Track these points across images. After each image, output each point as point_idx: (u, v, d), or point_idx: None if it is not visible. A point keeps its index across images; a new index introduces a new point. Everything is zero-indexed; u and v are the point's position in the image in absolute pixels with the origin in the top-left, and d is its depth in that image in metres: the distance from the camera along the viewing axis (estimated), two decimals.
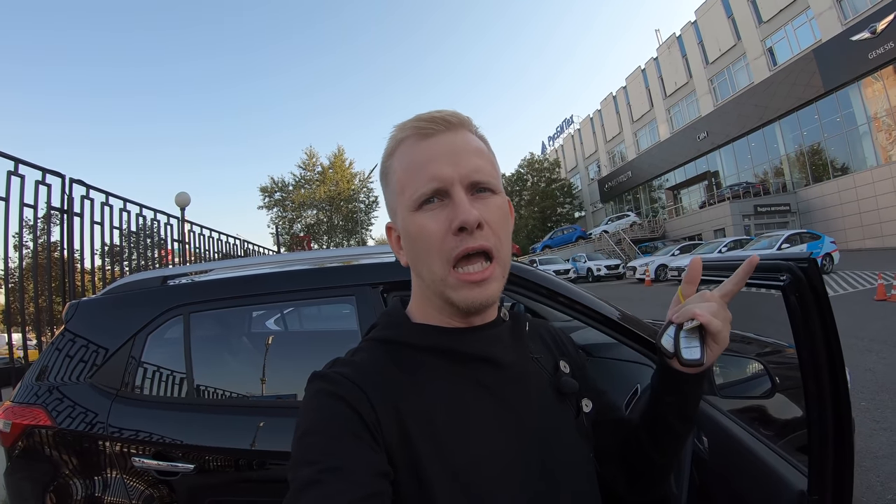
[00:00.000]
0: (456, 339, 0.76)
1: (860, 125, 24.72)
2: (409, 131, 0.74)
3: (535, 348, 0.87)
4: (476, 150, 0.74)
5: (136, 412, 1.91)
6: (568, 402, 0.84)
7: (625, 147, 44.91)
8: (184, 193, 9.17)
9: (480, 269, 0.70)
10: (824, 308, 0.95)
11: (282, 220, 37.67)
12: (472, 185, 0.71)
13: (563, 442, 0.79)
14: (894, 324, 8.04)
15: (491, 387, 0.75)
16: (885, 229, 23.22)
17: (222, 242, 10.08)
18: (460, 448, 0.68)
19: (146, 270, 5.98)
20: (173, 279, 2.26)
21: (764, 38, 29.33)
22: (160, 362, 2.02)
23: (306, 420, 0.66)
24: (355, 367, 0.73)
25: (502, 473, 0.70)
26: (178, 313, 2.05)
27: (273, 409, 1.97)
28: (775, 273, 1.04)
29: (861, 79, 23.86)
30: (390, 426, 0.67)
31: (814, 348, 0.97)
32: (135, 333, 2.02)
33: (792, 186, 29.29)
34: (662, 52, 38.38)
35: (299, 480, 0.59)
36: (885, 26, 21.89)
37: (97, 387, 1.95)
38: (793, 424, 1.71)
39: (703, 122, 34.33)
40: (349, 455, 0.61)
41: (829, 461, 0.98)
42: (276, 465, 1.81)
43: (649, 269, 22.44)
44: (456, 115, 0.75)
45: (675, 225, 35.41)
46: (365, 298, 2.00)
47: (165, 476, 1.83)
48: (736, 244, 20.53)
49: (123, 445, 1.86)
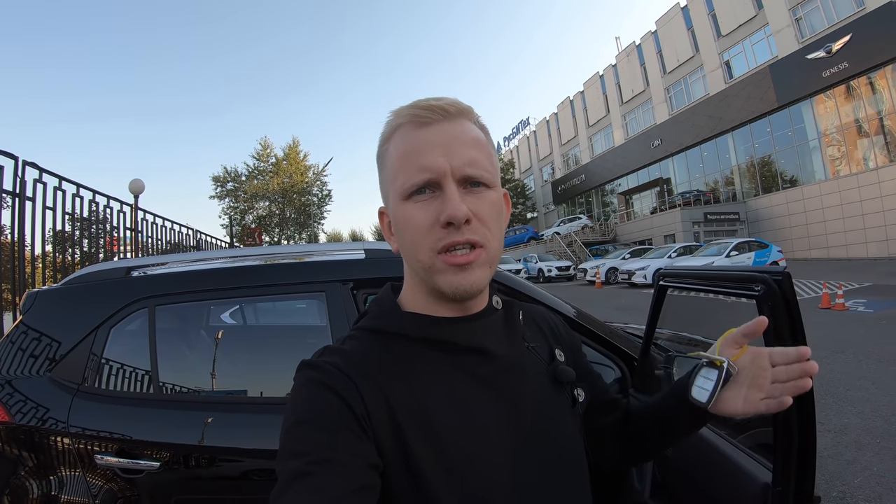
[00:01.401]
0: (448, 329, 0.74)
1: (811, 140, 25.60)
2: (405, 118, 0.72)
3: (531, 336, 0.85)
4: (473, 141, 0.72)
5: (99, 408, 1.84)
6: (564, 391, 0.83)
7: (579, 151, 45.33)
8: (138, 180, 8.92)
9: (465, 254, 0.68)
10: (794, 317, 1.03)
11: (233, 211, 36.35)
12: (465, 178, 0.69)
13: (560, 432, 0.78)
14: (837, 331, 8.23)
15: (485, 378, 0.73)
16: (831, 241, 24.16)
17: (174, 232, 9.91)
18: (455, 441, 0.67)
19: (100, 261, 6.12)
20: (137, 270, 2.17)
21: (722, 52, 30.05)
22: (124, 356, 1.96)
23: (295, 410, 0.64)
24: (345, 356, 0.71)
25: (498, 467, 0.68)
26: (142, 306, 1.99)
27: (240, 406, 1.94)
28: (750, 283, 1.12)
29: (814, 96, 24.69)
30: (381, 418, 0.65)
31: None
32: (97, 326, 1.94)
33: (742, 196, 30.15)
34: (621, 59, 38.87)
35: (288, 471, 0.58)
36: (840, 47, 22.70)
37: (57, 381, 1.87)
38: (744, 424, 1.73)
39: (658, 130, 34.98)
40: (339, 447, 0.60)
41: (793, 454, 1.05)
42: (245, 462, 1.80)
43: (600, 271, 22.68)
44: (455, 104, 0.72)
45: (626, 229, 35.91)
46: (335, 295, 1.99)
47: (129, 474, 1.75)
48: (685, 250, 20.88)
49: (85, 442, 1.78)
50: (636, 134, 37.64)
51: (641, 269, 20.01)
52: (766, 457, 1.25)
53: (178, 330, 2.24)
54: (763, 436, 1.11)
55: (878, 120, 22.54)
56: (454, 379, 0.72)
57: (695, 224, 28.65)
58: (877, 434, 4.12)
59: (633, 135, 37.94)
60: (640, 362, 1.96)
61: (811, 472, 1.05)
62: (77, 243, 6.12)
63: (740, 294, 1.18)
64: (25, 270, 4.76)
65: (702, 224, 28.61)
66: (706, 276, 1.60)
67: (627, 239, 34.44)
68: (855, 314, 10.02)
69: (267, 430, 1.76)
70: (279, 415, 0.66)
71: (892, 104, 21.90)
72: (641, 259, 21.81)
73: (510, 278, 2.11)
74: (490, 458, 0.68)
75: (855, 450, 3.83)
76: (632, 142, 37.76)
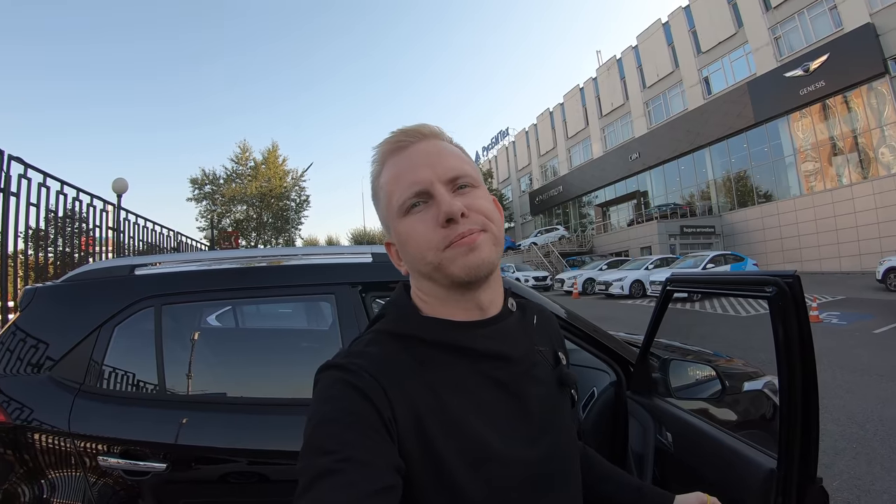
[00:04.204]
0: (468, 335, 0.75)
1: (787, 156, 25.84)
2: (387, 146, 0.77)
3: (539, 339, 0.87)
4: (451, 152, 0.76)
5: (102, 408, 1.76)
6: (566, 392, 0.86)
7: (558, 162, 45.34)
8: (121, 179, 8.64)
9: (472, 234, 0.70)
10: (802, 315, 1.09)
11: (211, 214, 35.39)
12: (451, 180, 0.73)
13: (564, 430, 0.81)
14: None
15: (503, 381, 0.75)
16: (805, 255, 24.31)
17: (156, 234, 9.63)
18: (477, 441, 0.69)
19: (76, 261, 6.01)
20: (142, 268, 2.09)
21: (701, 68, 30.25)
22: (128, 356, 1.90)
23: (322, 408, 0.65)
24: (371, 358, 0.71)
25: (516, 464, 0.71)
26: (148, 305, 1.93)
27: (248, 407, 1.86)
28: (762, 286, 1.17)
29: (790, 113, 24.94)
30: (407, 421, 0.66)
31: (791, 348, 1.10)
32: (101, 324, 1.87)
33: (717, 210, 30.31)
34: (602, 73, 38.95)
35: (316, 468, 0.58)
36: (818, 66, 22.95)
37: (57, 380, 1.79)
38: (742, 422, 1.86)
39: (636, 144, 35.10)
40: (367, 447, 0.60)
41: (797, 439, 1.10)
42: (254, 463, 1.75)
43: (577, 282, 22.83)
44: (427, 127, 0.78)
45: (603, 241, 35.95)
46: (344, 297, 1.97)
47: (134, 476, 1.67)
48: (662, 262, 20.86)
49: (88, 443, 1.70)
50: (614, 147, 37.70)
51: (619, 280, 20.15)
52: (765, 446, 1.31)
53: (186, 330, 2.11)
54: (759, 431, 1.13)
55: (853, 138, 22.84)
56: (474, 382, 0.73)
57: (671, 237, 28.71)
58: (853, 440, 4.32)
59: (612, 147, 37.99)
60: (640, 364, 1.96)
61: (814, 454, 1.10)
62: (53, 242, 5.81)
63: (752, 296, 1.23)
64: (7, 268, 4.57)
65: (678, 237, 28.67)
66: (717, 281, 1.65)
67: (604, 250, 34.48)
68: (829, 326, 10.22)
69: (276, 432, 1.74)
70: (287, 416, 0.68)
71: (866, 123, 22.21)
72: (618, 270, 21.91)
73: (505, 280, 1.97)
74: (508, 456, 0.70)
75: (832, 454, 3.99)
76: (610, 154, 37.83)
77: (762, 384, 2.09)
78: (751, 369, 2.41)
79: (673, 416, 1.72)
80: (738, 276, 1.44)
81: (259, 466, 1.75)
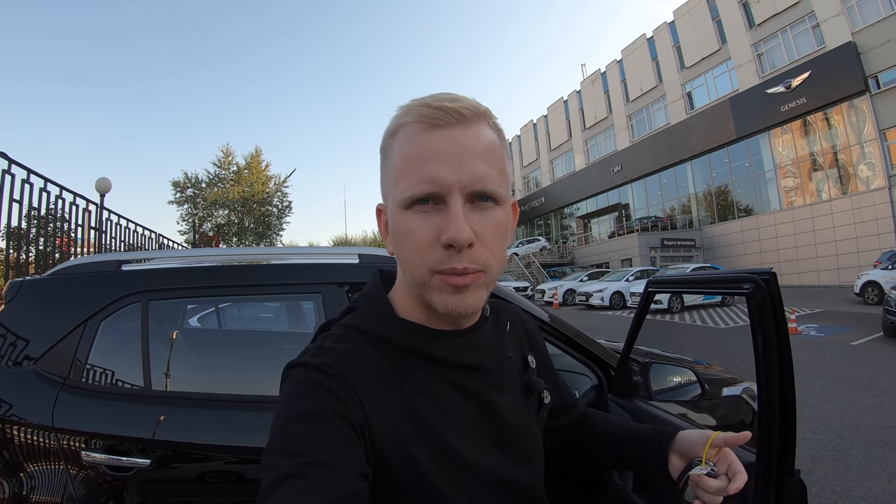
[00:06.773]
0: (442, 345, 0.71)
1: (767, 171, 25.97)
2: (415, 117, 0.65)
3: (510, 345, 0.85)
4: (486, 151, 0.65)
5: (86, 402, 1.71)
6: (532, 397, 0.84)
7: (540, 174, 45.31)
8: (104, 179, 8.36)
9: (464, 275, 0.64)
10: (778, 310, 1.10)
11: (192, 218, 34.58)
12: (473, 193, 0.64)
13: (529, 435, 0.80)
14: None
15: (472, 391, 0.73)
16: (784, 268, 24.27)
17: (138, 235, 9.46)
18: (447, 444, 0.67)
19: (56, 259, 5.85)
20: (129, 264, 2.03)
21: (684, 83, 30.39)
22: (114, 351, 1.85)
23: (290, 408, 0.62)
24: (343, 358, 0.67)
25: (483, 468, 0.70)
26: (135, 300, 1.88)
27: (235, 404, 1.80)
28: (740, 283, 1.19)
29: (772, 129, 25.11)
30: (380, 426, 0.64)
31: (768, 342, 1.11)
32: (87, 318, 1.82)
33: (698, 223, 30.40)
34: (586, 86, 39.01)
35: (280, 470, 0.55)
36: (800, 83, 23.14)
37: (41, 374, 1.73)
38: (717, 427, 1.87)
39: (619, 157, 35.11)
40: (335, 451, 0.58)
41: (775, 432, 1.11)
42: (238, 461, 1.70)
43: (558, 292, 22.78)
44: (473, 107, 0.65)
45: (584, 252, 35.86)
46: (331, 297, 1.96)
47: (118, 472, 1.63)
48: (643, 274, 20.71)
49: (71, 438, 1.64)
50: (597, 159, 37.69)
51: (599, 291, 20.04)
52: (746, 446, 1.28)
53: (172, 326, 2.10)
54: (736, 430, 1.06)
55: (833, 154, 23.00)
56: (445, 391, 0.70)
57: (651, 249, 28.64)
58: (830, 447, 4.39)
59: (594, 160, 37.99)
60: (621, 367, 1.95)
61: (792, 448, 1.11)
62: (35, 241, 5.68)
63: (731, 293, 1.27)
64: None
65: (658, 249, 28.62)
66: (696, 280, 1.64)
67: (585, 262, 34.38)
68: (807, 338, 10.44)
69: (262, 429, 1.40)
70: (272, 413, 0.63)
71: (846, 139, 22.37)
72: (599, 281, 21.79)
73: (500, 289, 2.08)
74: (478, 463, 0.69)
75: (811, 462, 4.06)
76: (592, 167, 37.82)
77: (741, 390, 2.07)
78: (729, 376, 2.39)
79: (654, 417, 1.74)
80: (717, 276, 1.45)
81: (243, 464, 1.70)
